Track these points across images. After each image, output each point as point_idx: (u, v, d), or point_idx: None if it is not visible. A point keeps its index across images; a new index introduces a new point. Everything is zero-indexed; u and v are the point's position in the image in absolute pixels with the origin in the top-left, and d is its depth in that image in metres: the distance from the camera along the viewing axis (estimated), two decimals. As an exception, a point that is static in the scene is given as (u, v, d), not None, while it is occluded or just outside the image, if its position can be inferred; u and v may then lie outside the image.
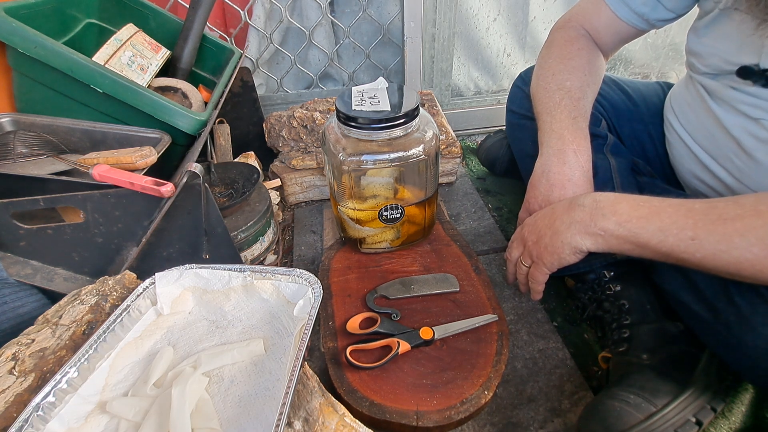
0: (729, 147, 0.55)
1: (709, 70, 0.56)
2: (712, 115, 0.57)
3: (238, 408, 0.40)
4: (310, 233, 0.91)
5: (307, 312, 0.45)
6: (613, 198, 0.50)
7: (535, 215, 0.59)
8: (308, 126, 0.99)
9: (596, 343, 0.68)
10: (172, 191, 0.56)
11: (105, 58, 0.74)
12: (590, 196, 0.51)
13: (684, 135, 0.62)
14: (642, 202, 0.48)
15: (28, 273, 0.59)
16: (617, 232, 0.48)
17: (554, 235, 0.52)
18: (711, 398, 0.51)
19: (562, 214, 0.53)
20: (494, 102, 1.29)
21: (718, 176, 0.58)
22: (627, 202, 0.49)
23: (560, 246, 0.52)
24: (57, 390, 0.37)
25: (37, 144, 0.66)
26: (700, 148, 0.60)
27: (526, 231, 0.58)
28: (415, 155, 0.61)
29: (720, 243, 0.42)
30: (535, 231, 0.56)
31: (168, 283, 0.48)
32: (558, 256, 0.53)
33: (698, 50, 0.58)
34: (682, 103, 0.64)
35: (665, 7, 0.60)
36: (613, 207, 0.49)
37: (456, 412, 0.50)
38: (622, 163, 0.66)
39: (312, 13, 1.14)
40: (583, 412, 0.53)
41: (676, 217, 0.45)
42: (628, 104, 0.73)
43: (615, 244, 0.49)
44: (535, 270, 0.57)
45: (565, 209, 0.53)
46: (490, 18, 1.17)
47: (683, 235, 0.44)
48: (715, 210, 0.44)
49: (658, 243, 0.46)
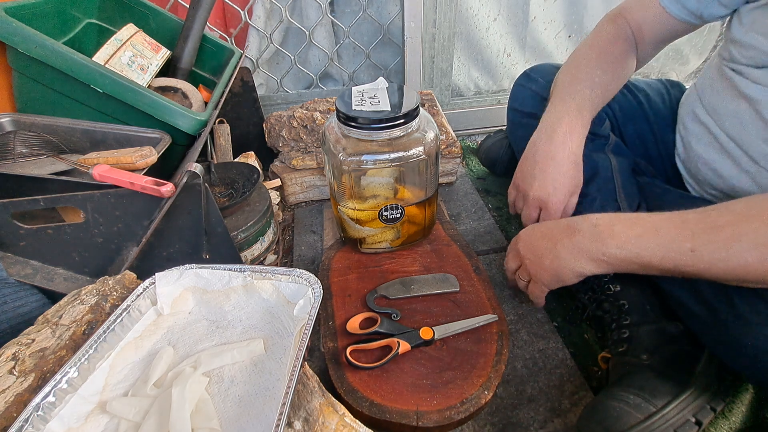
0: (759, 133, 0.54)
1: (751, 62, 0.55)
2: (745, 101, 0.55)
3: (238, 408, 0.40)
4: (310, 233, 0.91)
5: (307, 312, 0.45)
6: (609, 220, 0.50)
7: (530, 232, 0.59)
8: (308, 126, 0.99)
9: (596, 343, 0.68)
10: (172, 191, 0.56)
11: (105, 58, 0.74)
12: (587, 220, 0.52)
13: (710, 123, 0.61)
14: (637, 220, 0.49)
15: (29, 273, 0.59)
16: (620, 255, 0.48)
17: (555, 259, 0.53)
18: (711, 398, 0.51)
19: (562, 238, 0.53)
20: (494, 102, 1.29)
21: (739, 163, 0.57)
22: (622, 223, 0.49)
23: (561, 270, 0.53)
24: (57, 390, 0.37)
25: (37, 144, 0.66)
26: (726, 136, 0.58)
27: (522, 247, 0.59)
28: (415, 155, 0.61)
29: (719, 251, 0.43)
30: (532, 250, 0.57)
31: (168, 283, 0.48)
32: (558, 279, 0.54)
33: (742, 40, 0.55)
34: (710, 92, 0.62)
35: (719, 2, 0.57)
36: (610, 230, 0.49)
37: (456, 412, 0.50)
38: (623, 163, 0.66)
39: (312, 13, 1.14)
40: (583, 412, 0.53)
41: (672, 230, 0.46)
42: (633, 103, 0.73)
43: (619, 266, 0.49)
44: (534, 287, 0.58)
45: (563, 233, 0.53)
46: (490, 18, 1.17)
47: (683, 248, 0.44)
48: (708, 218, 0.44)
49: (661, 260, 0.46)
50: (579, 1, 1.18)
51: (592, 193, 0.65)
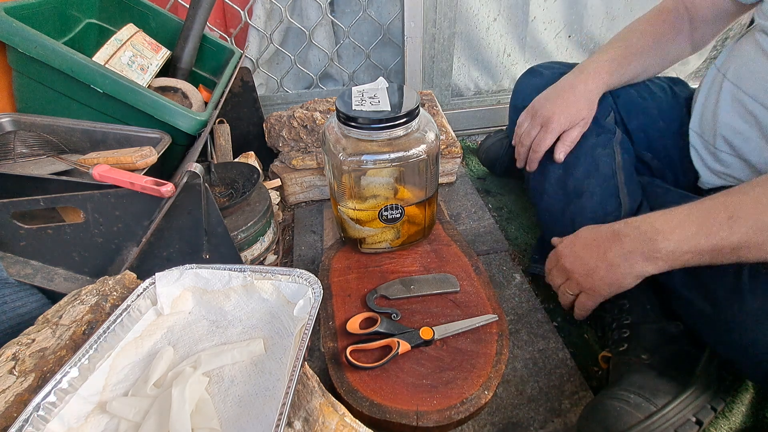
0: None
1: None
2: None
3: (238, 408, 0.40)
4: (310, 233, 0.91)
5: (307, 312, 0.45)
6: (648, 220, 0.51)
7: (570, 246, 0.59)
8: (308, 126, 0.99)
9: (596, 343, 0.68)
10: (172, 191, 0.56)
11: (105, 58, 0.74)
12: (628, 225, 0.53)
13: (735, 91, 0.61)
14: (670, 213, 0.50)
15: (29, 273, 0.59)
16: (669, 248, 0.48)
17: (611, 267, 0.53)
18: (711, 398, 0.51)
19: (610, 246, 0.53)
20: (494, 102, 1.29)
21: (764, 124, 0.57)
22: (660, 220, 0.50)
23: (620, 277, 0.53)
24: (57, 390, 0.37)
25: (37, 144, 0.66)
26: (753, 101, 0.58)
27: (568, 263, 0.58)
28: (415, 155, 0.61)
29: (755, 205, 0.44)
30: (581, 264, 0.57)
31: (168, 283, 0.48)
32: (618, 286, 0.54)
33: None
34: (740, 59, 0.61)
35: None
36: (653, 228, 0.50)
37: (456, 412, 0.49)
38: (627, 160, 0.67)
39: (312, 13, 1.14)
40: (583, 412, 0.53)
41: (704, 209, 0.47)
42: (637, 97, 0.73)
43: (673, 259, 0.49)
44: (587, 300, 0.58)
45: (609, 241, 0.54)
46: (490, 18, 1.17)
47: (720, 219, 0.46)
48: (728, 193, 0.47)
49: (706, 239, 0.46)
50: (579, 1, 1.18)
51: (591, 188, 0.65)
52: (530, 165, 0.72)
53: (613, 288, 0.54)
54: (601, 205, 0.65)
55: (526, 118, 0.72)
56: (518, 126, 0.73)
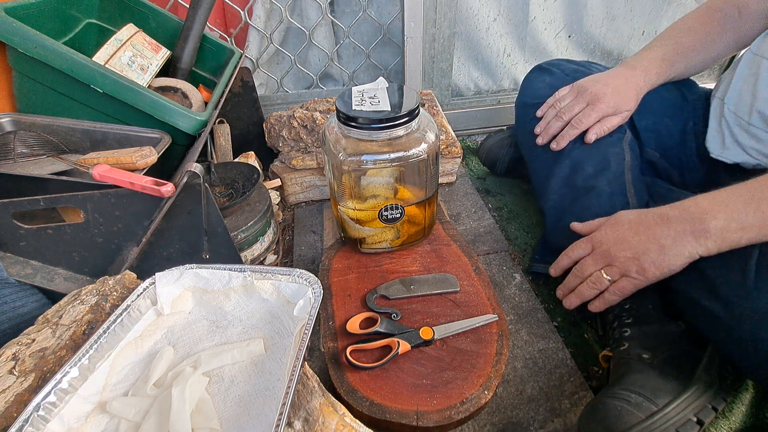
0: None
1: None
2: None
3: (238, 408, 0.40)
4: (310, 233, 0.91)
5: (307, 312, 0.45)
6: (693, 201, 0.52)
7: (610, 233, 0.58)
8: (308, 126, 0.99)
9: (596, 343, 0.68)
10: (172, 191, 0.56)
11: (105, 58, 0.74)
12: (674, 208, 0.53)
13: None
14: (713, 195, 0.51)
15: (29, 273, 0.59)
16: (719, 225, 0.49)
17: (662, 249, 0.53)
18: (712, 398, 0.51)
19: (660, 228, 0.53)
20: (494, 102, 1.29)
21: None
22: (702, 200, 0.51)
23: (672, 258, 0.53)
24: (57, 390, 0.37)
25: (37, 144, 0.66)
26: None
27: (611, 247, 0.57)
28: (415, 155, 0.61)
29: None
30: (629, 247, 0.56)
31: (168, 283, 0.48)
32: (669, 269, 0.53)
33: None
34: None
35: None
36: (699, 207, 0.51)
37: (456, 412, 0.49)
38: (635, 160, 0.67)
39: (312, 13, 1.14)
40: (584, 411, 0.53)
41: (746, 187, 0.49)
42: (646, 97, 0.73)
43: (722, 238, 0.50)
44: (628, 284, 0.57)
45: (656, 224, 0.54)
46: (490, 18, 1.17)
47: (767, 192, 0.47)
48: None
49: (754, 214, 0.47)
50: (579, 1, 1.18)
51: (601, 186, 0.65)
52: (560, 141, 0.71)
53: (662, 270, 0.54)
54: (609, 202, 0.64)
55: (570, 93, 0.71)
56: (558, 100, 0.73)
